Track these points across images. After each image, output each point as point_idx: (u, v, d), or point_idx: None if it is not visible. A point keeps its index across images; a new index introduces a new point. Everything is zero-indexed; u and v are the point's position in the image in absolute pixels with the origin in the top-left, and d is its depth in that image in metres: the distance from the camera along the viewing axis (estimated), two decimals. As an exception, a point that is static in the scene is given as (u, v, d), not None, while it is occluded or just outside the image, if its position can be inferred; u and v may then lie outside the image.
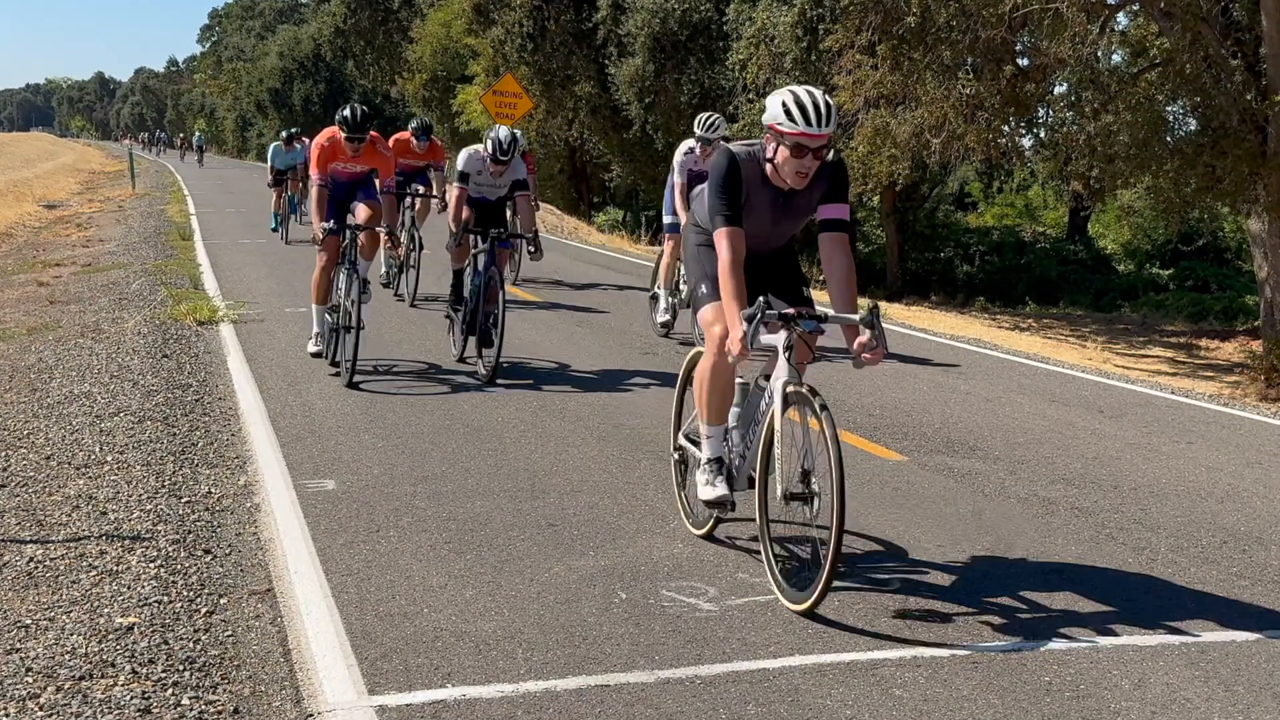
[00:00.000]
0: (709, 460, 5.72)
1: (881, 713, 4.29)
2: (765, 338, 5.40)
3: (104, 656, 4.61)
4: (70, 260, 19.59)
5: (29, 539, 5.96)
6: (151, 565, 5.59)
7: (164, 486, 6.83)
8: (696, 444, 5.93)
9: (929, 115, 16.36)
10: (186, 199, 35.50)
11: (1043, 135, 17.89)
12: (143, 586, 5.33)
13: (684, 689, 4.42)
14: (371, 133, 9.74)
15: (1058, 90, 17.73)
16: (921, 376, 10.95)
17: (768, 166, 5.48)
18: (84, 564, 5.61)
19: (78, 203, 35.98)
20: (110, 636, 4.79)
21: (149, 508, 6.44)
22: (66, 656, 4.61)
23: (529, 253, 10.33)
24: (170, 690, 4.36)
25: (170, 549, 5.81)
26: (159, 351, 10.80)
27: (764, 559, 5.43)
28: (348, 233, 9.73)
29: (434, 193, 15.23)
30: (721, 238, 5.45)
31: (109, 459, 7.38)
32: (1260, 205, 14.35)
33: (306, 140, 24.25)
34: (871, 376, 10.23)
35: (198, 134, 78.02)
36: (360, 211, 10.10)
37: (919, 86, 16.52)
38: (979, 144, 16.23)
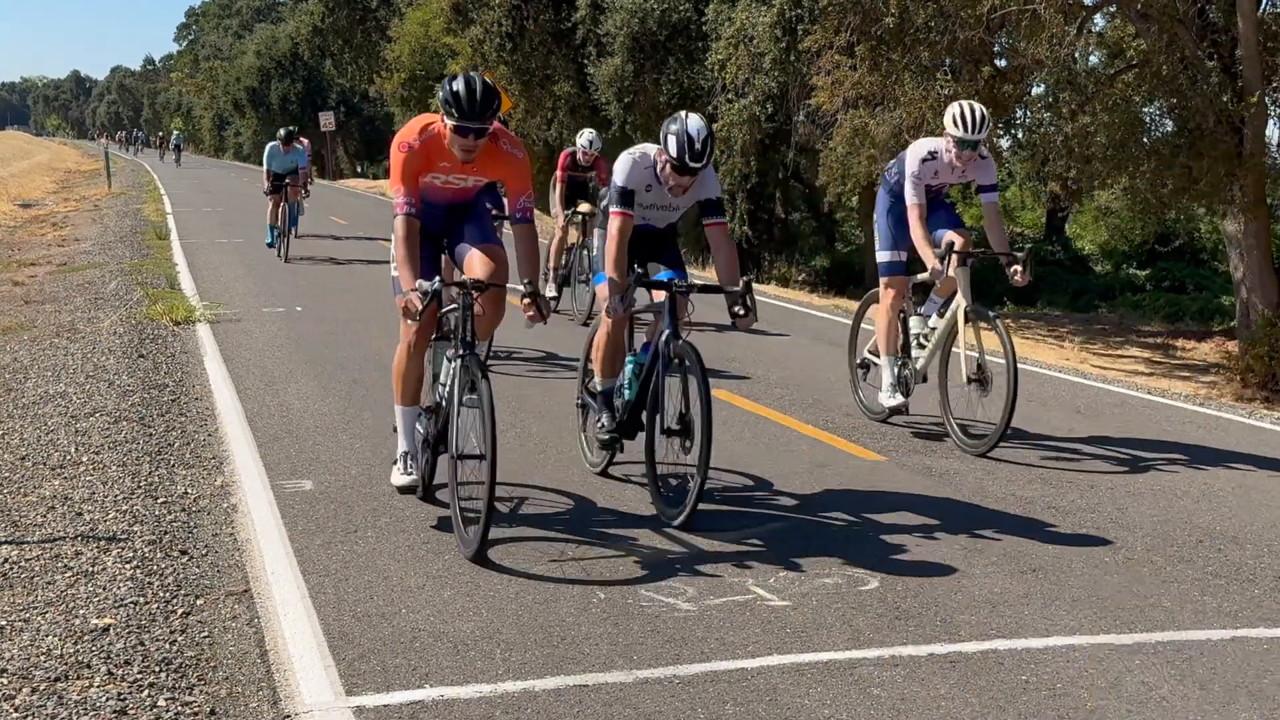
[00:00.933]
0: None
1: (859, 712, 4.29)
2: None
3: (79, 658, 4.58)
4: (46, 260, 19.48)
5: (3, 540, 5.93)
6: (127, 566, 5.56)
7: (140, 487, 6.80)
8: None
9: (907, 116, 16.39)
10: (163, 198, 35.34)
11: (1020, 136, 17.96)
12: (118, 587, 5.30)
13: (662, 689, 4.42)
14: (495, 124, 6.14)
15: (1035, 91, 17.80)
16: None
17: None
18: (59, 565, 5.57)
19: (53, 202, 35.78)
20: (86, 638, 4.77)
21: (125, 508, 6.40)
22: (42, 658, 4.58)
23: (735, 314, 6.52)
24: (146, 691, 4.34)
25: (146, 550, 5.78)
26: (135, 351, 10.75)
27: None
28: (453, 293, 6.13)
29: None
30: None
31: (84, 459, 7.34)
32: (1236, 206, 14.44)
33: (306, 141, 22.32)
34: (844, 370, 10.24)
35: (176, 133, 76.89)
36: (475, 262, 6.31)
37: (897, 87, 16.56)
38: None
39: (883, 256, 8.73)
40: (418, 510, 6.42)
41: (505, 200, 6.58)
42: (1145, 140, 15.24)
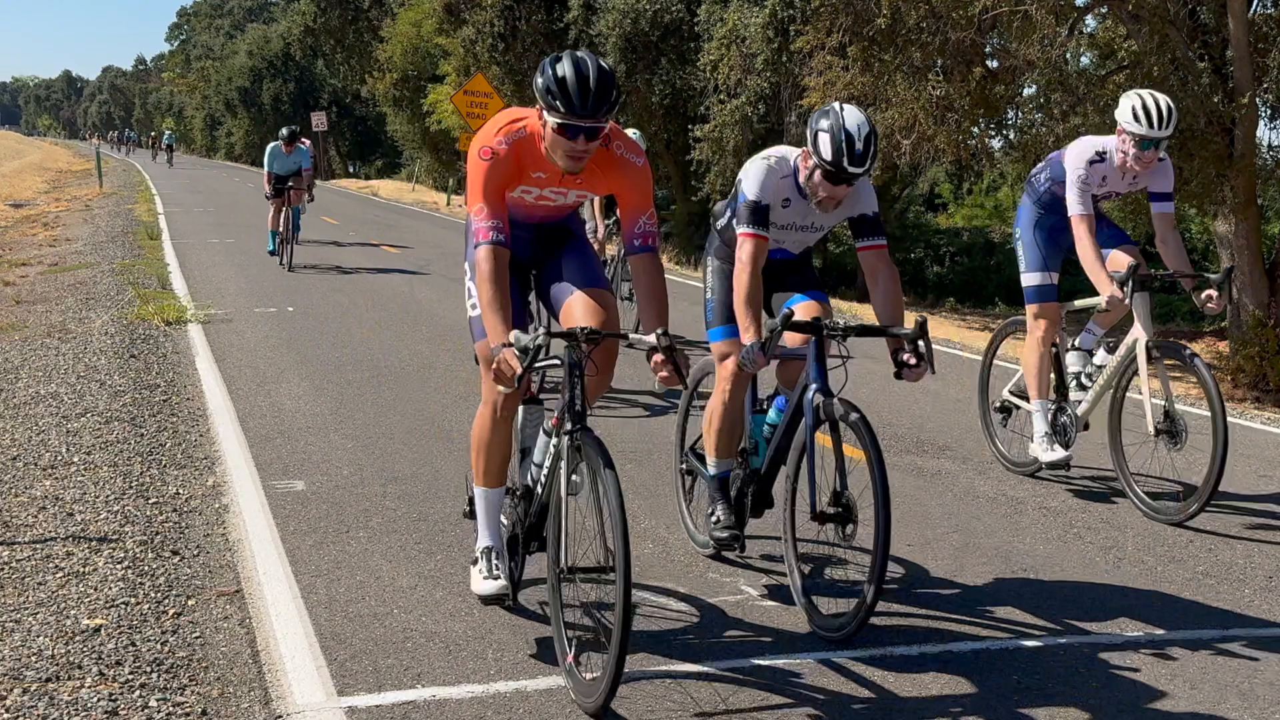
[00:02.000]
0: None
1: (851, 711, 4.30)
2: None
3: (71, 658, 4.58)
4: (37, 259, 19.44)
5: (-5, 540, 5.92)
6: (119, 567, 5.55)
7: (131, 487, 6.79)
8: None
9: (899, 116, 16.40)
10: (154, 198, 35.29)
11: (1012, 137, 17.97)
12: (110, 588, 5.29)
13: (653, 688, 4.42)
14: (610, 124, 4.65)
15: (1027, 92, 17.81)
16: (892, 376, 10.97)
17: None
18: (50, 565, 5.56)
19: (44, 202, 35.71)
20: (77, 638, 4.76)
21: (116, 509, 6.40)
22: (33, 658, 4.57)
23: (901, 364, 5.22)
24: (138, 692, 4.33)
25: (138, 550, 5.78)
26: (126, 352, 10.74)
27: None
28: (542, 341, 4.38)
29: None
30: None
31: (76, 460, 7.33)
32: (1227, 207, 14.45)
33: (308, 141, 20.85)
34: (836, 372, 10.24)
35: (168, 133, 76.23)
36: (579, 309, 4.94)
37: (889, 88, 16.57)
38: (949, 145, 16.29)
39: (1031, 279, 7.50)
40: (409, 511, 6.42)
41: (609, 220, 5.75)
42: (1136, 141, 15.24)
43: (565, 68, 4.41)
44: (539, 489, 4.84)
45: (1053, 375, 7.39)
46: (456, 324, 12.99)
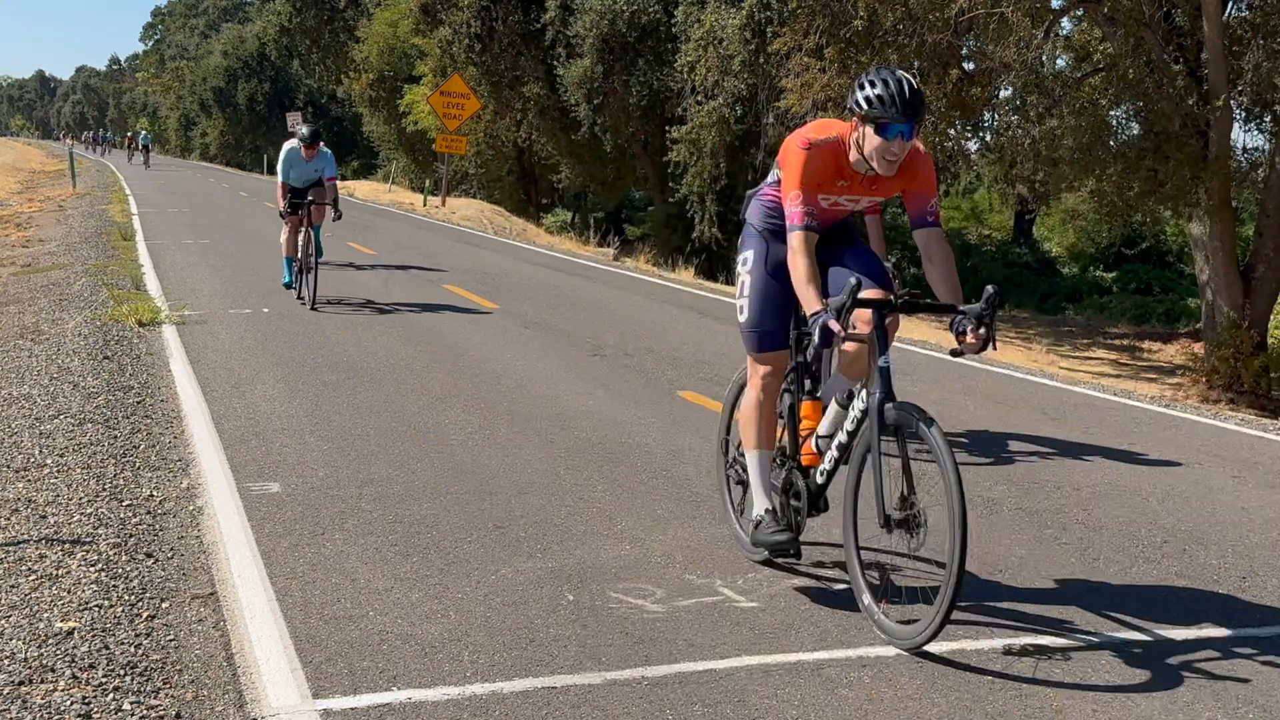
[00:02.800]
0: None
1: (827, 712, 4.30)
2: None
3: (44, 661, 4.54)
4: (9, 260, 19.32)
5: (-34, 543, 5.87)
6: (92, 569, 5.51)
7: (105, 490, 6.74)
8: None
9: (876, 118, 16.44)
10: (128, 199, 35.12)
11: (988, 139, 18.05)
12: (83, 591, 5.26)
13: (631, 690, 4.41)
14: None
15: (1003, 94, 17.89)
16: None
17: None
18: (23, 568, 5.52)
19: (17, 202, 35.49)
20: (50, 641, 4.72)
21: (89, 511, 6.35)
22: (5, 661, 4.53)
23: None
24: (111, 695, 4.30)
25: (111, 553, 5.74)
26: (100, 353, 10.67)
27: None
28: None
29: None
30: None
31: (49, 462, 7.28)
32: (1201, 209, 14.55)
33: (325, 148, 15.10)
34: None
35: (144, 133, 74.80)
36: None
37: (866, 89, 16.61)
38: (925, 146, 16.35)
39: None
40: (385, 512, 6.39)
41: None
42: (1112, 143, 15.35)
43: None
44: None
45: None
46: (433, 325, 12.96)
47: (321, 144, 14.79)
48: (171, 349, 10.95)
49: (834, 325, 4.72)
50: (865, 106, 4.91)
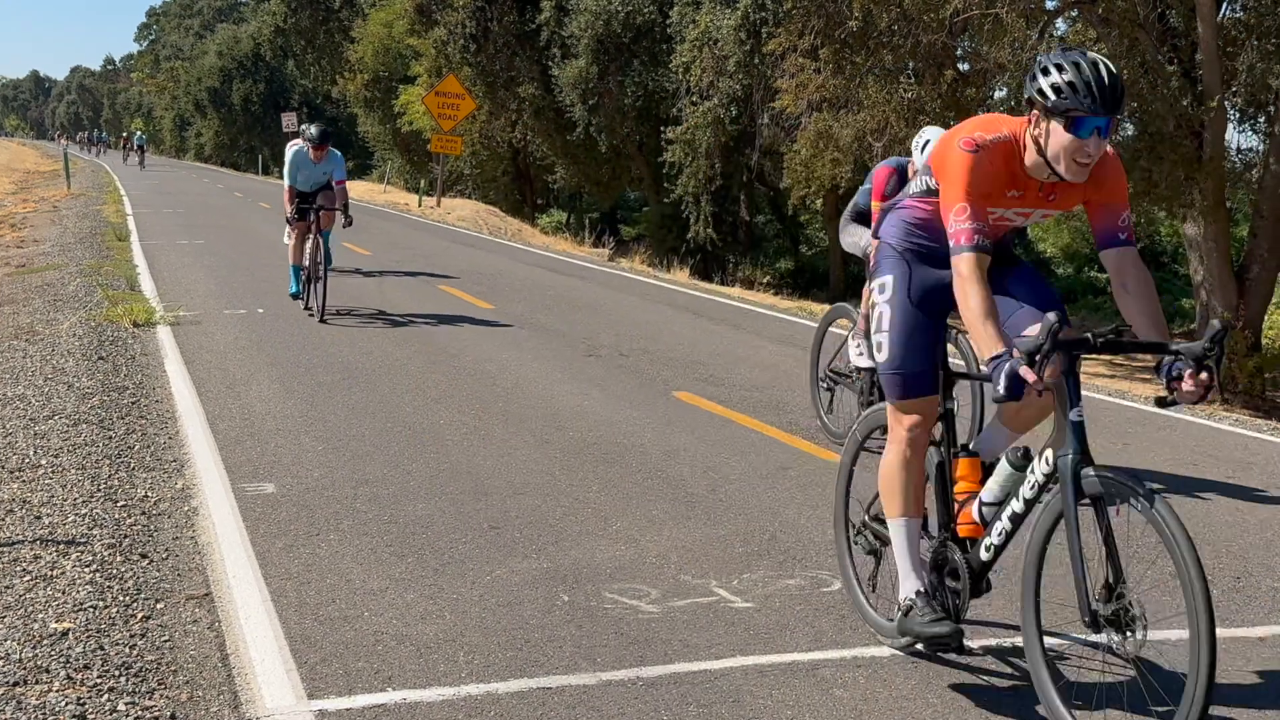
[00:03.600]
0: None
1: (822, 713, 4.31)
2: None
3: (38, 662, 4.53)
4: (4, 261, 19.30)
5: (-40, 544, 5.86)
6: (87, 570, 5.51)
7: (100, 490, 6.74)
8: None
9: (871, 119, 16.47)
10: (123, 199, 35.08)
11: (983, 139, 18.06)
12: (78, 591, 5.25)
13: (626, 691, 4.42)
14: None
15: (998, 95, 17.91)
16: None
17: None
18: (18, 569, 5.52)
19: (12, 203, 35.44)
20: (45, 642, 4.72)
21: (84, 512, 6.35)
22: (0, 662, 4.53)
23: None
24: (106, 696, 4.30)
25: (106, 554, 5.73)
26: (95, 354, 10.66)
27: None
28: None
29: None
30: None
31: (43, 462, 7.27)
32: (1196, 209, 14.57)
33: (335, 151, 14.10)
34: (802, 372, 10.27)
35: (139, 134, 73.70)
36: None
37: (861, 90, 16.63)
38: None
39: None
40: (380, 513, 6.39)
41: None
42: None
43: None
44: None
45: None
46: (428, 326, 12.96)
47: (329, 146, 13.78)
48: (166, 349, 10.94)
49: (1028, 374, 3.79)
50: (1053, 96, 3.97)
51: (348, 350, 11.20)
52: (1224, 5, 15.14)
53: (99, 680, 4.42)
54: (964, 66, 17.02)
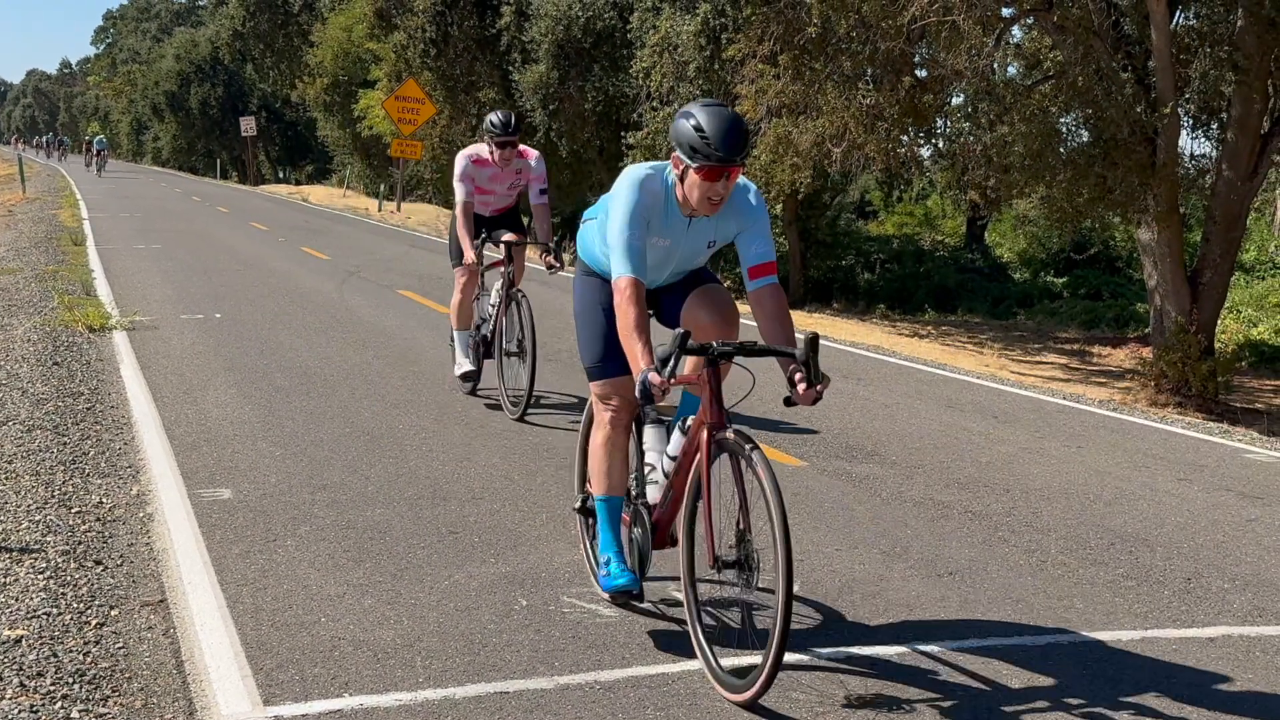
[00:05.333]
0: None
1: (779, 715, 4.33)
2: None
3: (-10, 670, 4.50)
4: (-42, 265, 19.08)
5: (-88, 551, 5.80)
6: (40, 577, 5.47)
7: (54, 497, 6.68)
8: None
9: (830, 124, 16.54)
10: (79, 203, 34.77)
11: (941, 145, 18.17)
12: (31, 598, 5.21)
13: (583, 694, 4.43)
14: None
15: (955, 101, 18.03)
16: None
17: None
18: (-31, 576, 5.47)
19: (-34, 207, 35.05)
20: (-4, 650, 4.68)
21: (38, 518, 6.30)
22: (-50, 671, 4.49)
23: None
24: (59, 703, 4.27)
25: (60, 560, 5.69)
26: (49, 359, 10.57)
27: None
28: None
29: None
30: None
31: (-3, 469, 7.20)
32: (1150, 215, 14.70)
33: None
34: (771, 382, 10.30)
35: (99, 138, 71.01)
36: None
37: (820, 96, 16.69)
38: (879, 153, 16.44)
39: None
40: (338, 518, 6.37)
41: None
42: (1062, 150, 15.47)
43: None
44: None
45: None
46: (386, 330, 12.92)
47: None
48: (122, 355, 10.86)
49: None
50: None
51: (306, 355, 11.15)
52: (1178, 13, 15.30)
53: (52, 688, 4.39)
54: (922, 73, 17.11)
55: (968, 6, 14.39)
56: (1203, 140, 17.32)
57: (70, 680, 4.45)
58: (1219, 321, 16.55)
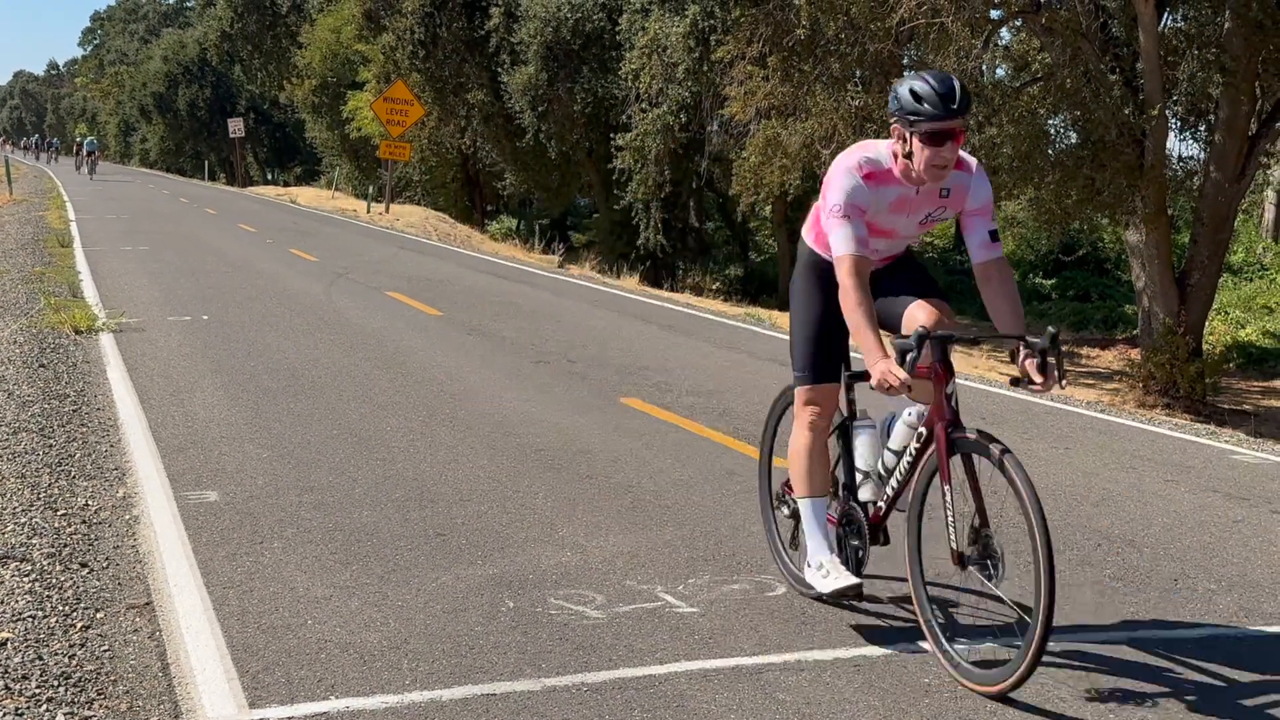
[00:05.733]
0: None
1: (765, 716, 4.33)
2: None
3: (-26, 674, 4.48)
4: (-56, 267, 19.02)
5: (-104, 554, 5.78)
6: (26, 580, 5.44)
7: (39, 499, 6.66)
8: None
9: (819, 126, 16.56)
10: (66, 205, 34.69)
11: (929, 147, 18.19)
12: (16, 601, 5.19)
13: (570, 696, 4.42)
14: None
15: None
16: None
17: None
18: (-46, 579, 5.44)
19: (-47, 208, 34.94)
20: (-19, 653, 4.66)
21: (24, 521, 6.27)
22: (-66, 674, 4.47)
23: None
24: (45, 706, 4.25)
25: (45, 563, 5.67)
26: (35, 361, 10.54)
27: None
28: None
29: None
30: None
31: (-18, 471, 7.18)
32: (1138, 217, 14.74)
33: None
34: (754, 379, 10.31)
35: (89, 139, 68.93)
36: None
37: (809, 98, 16.72)
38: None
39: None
40: (325, 521, 6.36)
41: None
42: (1050, 152, 15.52)
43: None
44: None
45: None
46: (374, 331, 12.90)
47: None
48: (108, 357, 10.83)
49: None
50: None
51: (293, 357, 11.13)
52: (1165, 15, 15.34)
53: (38, 690, 4.37)
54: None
55: (956, 8, 14.41)
56: (1190, 142, 17.41)
57: (56, 683, 4.44)
58: (1207, 323, 16.60)
